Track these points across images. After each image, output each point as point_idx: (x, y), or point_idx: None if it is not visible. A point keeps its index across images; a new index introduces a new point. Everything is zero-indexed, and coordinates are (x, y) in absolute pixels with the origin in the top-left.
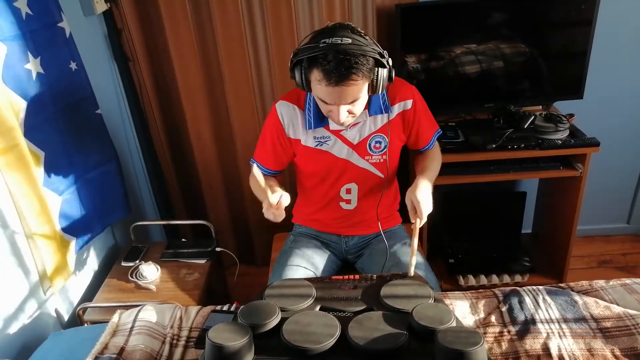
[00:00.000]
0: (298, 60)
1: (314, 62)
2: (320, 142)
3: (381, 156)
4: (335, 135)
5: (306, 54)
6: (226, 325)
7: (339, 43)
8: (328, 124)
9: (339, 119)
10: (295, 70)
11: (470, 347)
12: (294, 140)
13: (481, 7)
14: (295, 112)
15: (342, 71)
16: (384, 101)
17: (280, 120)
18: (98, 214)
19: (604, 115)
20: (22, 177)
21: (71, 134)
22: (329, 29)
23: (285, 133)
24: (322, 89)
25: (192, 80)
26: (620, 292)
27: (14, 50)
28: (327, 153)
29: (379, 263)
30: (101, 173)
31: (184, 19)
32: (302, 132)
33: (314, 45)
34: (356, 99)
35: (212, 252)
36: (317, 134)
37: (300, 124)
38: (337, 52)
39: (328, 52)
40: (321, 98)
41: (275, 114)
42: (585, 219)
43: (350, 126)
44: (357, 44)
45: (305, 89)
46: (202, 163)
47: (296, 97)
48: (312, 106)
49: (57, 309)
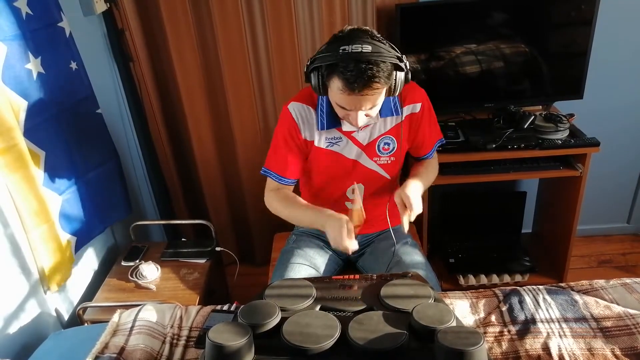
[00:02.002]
0: (315, 67)
1: (334, 69)
2: (331, 143)
3: (389, 157)
4: (347, 137)
5: (326, 61)
6: (226, 325)
7: (359, 51)
8: (340, 125)
9: (357, 123)
10: (312, 75)
11: (470, 347)
12: (309, 142)
13: (481, 7)
14: (310, 113)
15: (364, 80)
16: (394, 103)
17: (295, 121)
18: (99, 213)
19: (604, 115)
20: (21, 176)
21: (72, 133)
22: (348, 35)
23: (301, 134)
24: (343, 97)
25: (193, 81)
26: (620, 291)
27: (14, 50)
28: (338, 154)
29: (381, 261)
30: (102, 173)
31: (184, 20)
32: (315, 132)
33: (333, 53)
34: (375, 105)
35: (212, 251)
36: (329, 134)
37: (314, 124)
38: (358, 61)
39: (349, 61)
40: (340, 104)
41: (289, 115)
42: (586, 218)
43: (362, 127)
44: (378, 51)
45: (320, 93)
46: (202, 163)
47: (308, 98)
48: (324, 107)
49: (57, 309)
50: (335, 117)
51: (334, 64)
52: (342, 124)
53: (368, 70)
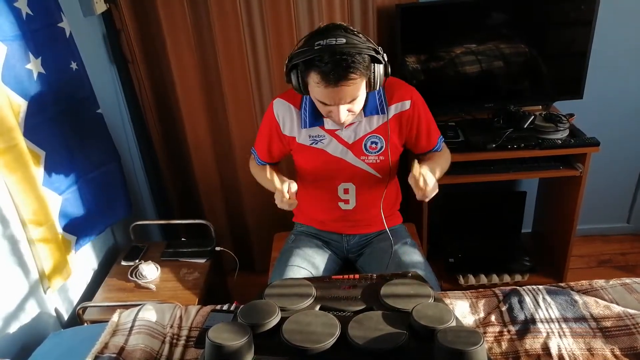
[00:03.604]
0: (294, 65)
1: (311, 64)
2: (315, 141)
3: (378, 157)
4: (330, 135)
5: (302, 57)
6: (226, 325)
7: (333, 44)
8: (323, 124)
9: (339, 119)
10: (292, 75)
11: (470, 347)
12: (290, 138)
13: (481, 7)
14: (291, 111)
15: (340, 71)
16: (380, 102)
17: (275, 118)
18: (99, 213)
19: (604, 115)
20: (22, 176)
21: (72, 133)
22: (322, 30)
23: (281, 130)
24: (321, 91)
25: (190, 82)
26: (620, 291)
27: (14, 51)
28: (322, 151)
29: (380, 262)
30: (103, 172)
31: (182, 21)
32: (297, 130)
33: (309, 48)
34: (355, 98)
35: (212, 251)
36: (312, 132)
37: (296, 122)
38: (332, 53)
39: (324, 54)
40: (320, 100)
41: (271, 111)
42: (585, 218)
43: (346, 126)
44: (352, 43)
45: (302, 92)
46: (199, 165)
47: (293, 96)
48: (308, 105)
49: (56, 309)
50: (318, 116)
51: (310, 59)
52: (325, 122)
53: (343, 61)
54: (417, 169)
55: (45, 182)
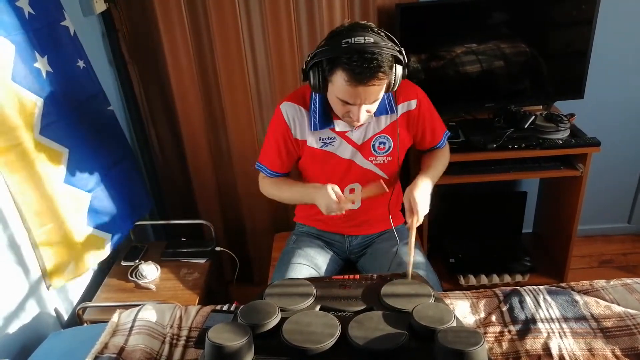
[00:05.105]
0: (315, 62)
1: (338, 62)
2: (325, 143)
3: (385, 157)
4: (341, 137)
5: (328, 54)
6: (226, 325)
7: (362, 42)
8: (333, 126)
9: (358, 119)
10: (312, 72)
11: (470, 347)
12: (300, 141)
13: (481, 7)
14: (301, 113)
15: (370, 71)
16: (389, 101)
17: (286, 121)
18: (127, 209)
19: (604, 115)
20: (25, 176)
21: (90, 130)
22: (347, 29)
23: (292, 134)
24: (347, 90)
25: (187, 83)
26: (620, 291)
27: (21, 49)
28: (332, 154)
29: (382, 262)
30: (123, 168)
31: (179, 21)
32: (307, 133)
33: (335, 46)
34: (377, 99)
35: (212, 251)
36: (322, 135)
37: (306, 124)
38: (362, 52)
39: (352, 52)
40: (343, 99)
41: (280, 115)
42: (586, 218)
43: (357, 126)
44: (379, 43)
45: (320, 90)
46: (195, 168)
47: (301, 98)
48: (317, 107)
49: (56, 309)
50: (328, 117)
51: (336, 57)
52: (335, 124)
53: (374, 60)
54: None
55: (68, 179)
